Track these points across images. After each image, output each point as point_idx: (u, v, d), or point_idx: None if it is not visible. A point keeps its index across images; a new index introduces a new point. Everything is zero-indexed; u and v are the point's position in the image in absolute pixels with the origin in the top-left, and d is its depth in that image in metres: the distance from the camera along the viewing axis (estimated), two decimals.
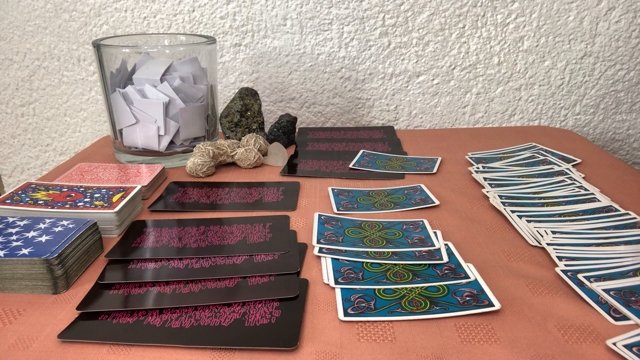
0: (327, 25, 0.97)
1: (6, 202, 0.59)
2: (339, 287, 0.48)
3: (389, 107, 1.04)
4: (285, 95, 1.04)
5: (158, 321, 0.44)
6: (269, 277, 0.50)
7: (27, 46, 1.02)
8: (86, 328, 0.43)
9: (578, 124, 1.05)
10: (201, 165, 0.75)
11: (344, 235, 0.57)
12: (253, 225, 0.61)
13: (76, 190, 0.63)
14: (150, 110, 0.77)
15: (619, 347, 0.40)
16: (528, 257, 0.53)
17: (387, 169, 0.78)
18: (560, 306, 0.45)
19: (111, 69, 0.78)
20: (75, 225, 0.53)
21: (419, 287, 0.48)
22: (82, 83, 1.04)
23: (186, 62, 0.80)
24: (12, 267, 0.48)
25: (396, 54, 0.99)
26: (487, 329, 0.43)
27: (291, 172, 0.78)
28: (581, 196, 0.65)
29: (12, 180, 1.15)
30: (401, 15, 0.96)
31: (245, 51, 1.00)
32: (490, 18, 0.96)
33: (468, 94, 1.03)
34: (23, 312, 0.46)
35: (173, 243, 0.56)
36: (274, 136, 0.88)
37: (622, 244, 0.53)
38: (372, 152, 0.85)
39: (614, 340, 0.40)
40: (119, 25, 0.99)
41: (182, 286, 0.49)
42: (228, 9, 0.97)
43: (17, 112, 1.07)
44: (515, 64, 1.00)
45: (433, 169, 0.77)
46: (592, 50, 0.98)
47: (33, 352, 0.41)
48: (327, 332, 0.43)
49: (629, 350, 0.39)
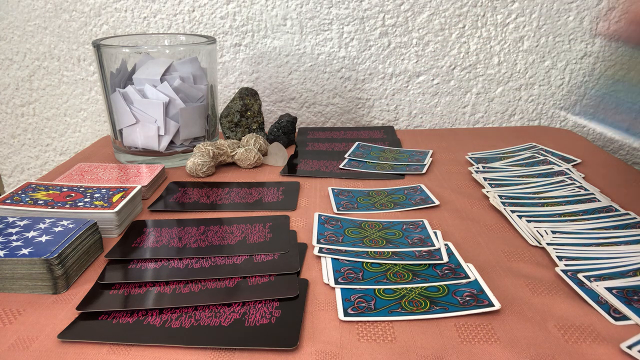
0: (327, 25, 0.97)
1: (6, 202, 0.59)
2: (339, 287, 0.48)
3: (389, 107, 1.04)
4: (285, 95, 1.04)
5: (158, 321, 0.44)
6: (269, 277, 0.50)
7: (27, 46, 1.02)
8: (86, 328, 0.43)
9: (578, 124, 1.05)
10: (201, 165, 0.75)
11: (344, 235, 0.57)
12: (253, 225, 0.61)
13: (76, 190, 0.63)
14: (150, 110, 0.77)
15: (634, 352, 0.39)
16: (528, 257, 0.53)
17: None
18: (560, 306, 0.45)
19: (111, 69, 0.78)
20: (75, 225, 0.53)
21: (419, 287, 0.48)
22: (82, 83, 1.04)
23: (186, 62, 0.80)
24: (12, 267, 0.48)
25: (396, 54, 0.99)
26: (487, 329, 0.43)
27: (291, 172, 0.78)
28: (581, 196, 0.65)
29: (12, 180, 1.15)
30: (401, 15, 0.96)
31: (245, 51, 1.00)
32: (490, 18, 0.96)
33: (468, 94, 1.03)
34: (23, 312, 0.46)
35: (173, 243, 0.56)
36: (274, 136, 0.88)
37: (622, 244, 0.53)
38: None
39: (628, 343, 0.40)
40: (119, 25, 0.99)
41: (182, 286, 0.49)
42: (228, 9, 0.97)
43: (17, 112, 1.07)
44: (515, 64, 1.00)
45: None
46: (592, 50, 0.98)
47: (33, 352, 0.41)
48: (327, 332, 0.43)
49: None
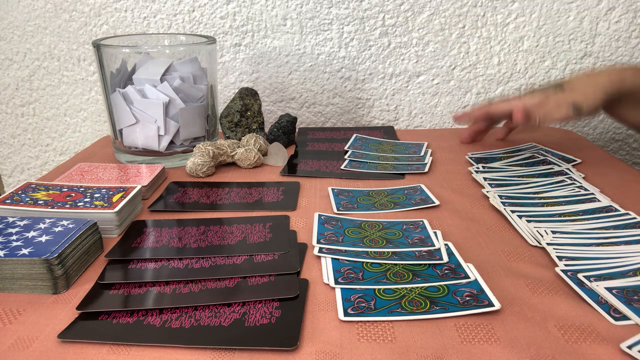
0: (327, 25, 0.97)
1: (6, 202, 0.59)
2: (339, 287, 0.48)
3: (389, 107, 1.04)
4: (285, 95, 1.04)
5: (158, 321, 0.44)
6: (269, 277, 0.50)
7: (27, 46, 1.02)
8: (86, 328, 0.43)
9: (578, 124, 1.05)
10: (201, 165, 0.75)
11: (344, 235, 0.57)
12: (253, 225, 0.61)
13: (76, 190, 0.63)
14: (150, 110, 0.77)
15: (634, 352, 0.39)
16: (528, 257, 0.53)
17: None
18: (560, 306, 0.45)
19: (111, 69, 0.78)
20: (75, 225, 0.53)
21: (419, 287, 0.48)
22: (82, 83, 1.04)
23: (186, 62, 0.80)
24: (12, 267, 0.48)
25: (396, 54, 0.99)
26: (487, 329, 0.43)
27: (291, 172, 0.78)
28: (581, 196, 0.65)
29: (12, 180, 1.15)
30: (401, 15, 0.96)
31: (245, 51, 1.00)
32: (490, 18, 0.96)
33: (468, 94, 1.03)
34: (23, 312, 0.46)
35: (173, 243, 0.56)
36: (274, 136, 0.88)
37: (622, 244, 0.53)
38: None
39: (628, 343, 0.40)
40: (119, 25, 0.99)
41: (182, 286, 0.49)
42: (228, 9, 0.97)
43: (17, 112, 1.07)
44: (515, 64, 1.00)
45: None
46: (592, 50, 0.98)
47: (33, 352, 0.41)
48: (327, 332, 0.43)
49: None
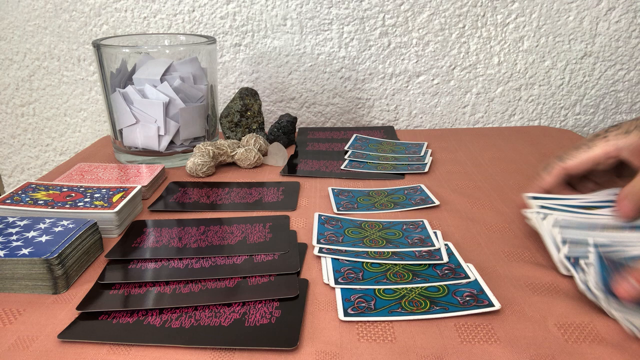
0: (327, 25, 0.97)
1: (6, 202, 0.59)
2: (339, 287, 0.48)
3: (389, 107, 1.04)
4: (285, 95, 1.04)
5: (158, 321, 0.44)
6: (269, 277, 0.50)
7: (27, 46, 1.02)
8: (86, 328, 0.43)
9: (578, 124, 1.05)
10: (201, 165, 0.75)
11: (344, 235, 0.57)
12: (253, 225, 0.61)
13: (76, 190, 0.63)
14: (150, 110, 0.77)
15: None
16: (528, 257, 0.53)
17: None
18: (560, 306, 0.45)
19: (111, 69, 0.78)
20: (75, 225, 0.53)
21: (419, 287, 0.48)
22: (82, 83, 1.04)
23: (186, 62, 0.80)
24: (12, 267, 0.48)
25: (396, 54, 0.99)
26: (487, 329, 0.43)
27: (291, 172, 0.78)
28: None
29: (12, 180, 1.15)
30: (401, 15, 0.96)
31: (245, 51, 1.00)
32: (490, 18, 0.96)
33: (468, 94, 1.03)
34: (23, 312, 0.46)
35: (173, 243, 0.56)
36: (274, 136, 0.88)
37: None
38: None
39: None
40: (119, 25, 0.99)
41: (182, 286, 0.49)
42: (228, 9, 0.97)
43: (17, 112, 1.07)
44: (515, 64, 1.00)
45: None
46: (592, 50, 0.98)
47: (33, 352, 0.41)
48: (327, 332, 0.43)
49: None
